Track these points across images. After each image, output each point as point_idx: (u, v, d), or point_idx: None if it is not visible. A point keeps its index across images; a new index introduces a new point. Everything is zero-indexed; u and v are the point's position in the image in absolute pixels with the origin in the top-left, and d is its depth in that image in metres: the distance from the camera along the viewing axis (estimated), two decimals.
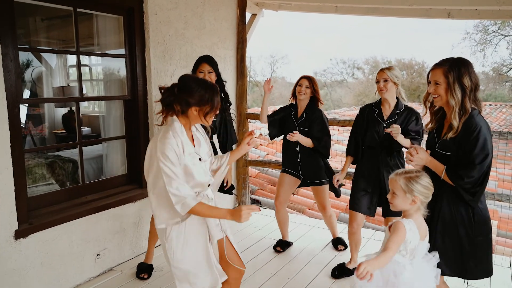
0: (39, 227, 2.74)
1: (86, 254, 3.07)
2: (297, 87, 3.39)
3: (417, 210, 1.96)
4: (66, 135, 5.46)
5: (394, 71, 2.94)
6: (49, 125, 5.87)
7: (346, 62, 29.40)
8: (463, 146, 2.04)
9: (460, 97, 2.04)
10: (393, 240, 1.86)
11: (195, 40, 3.93)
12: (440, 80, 2.08)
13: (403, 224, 1.89)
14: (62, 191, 3.13)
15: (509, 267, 3.43)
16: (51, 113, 5.95)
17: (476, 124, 2.02)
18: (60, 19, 5.35)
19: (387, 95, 2.95)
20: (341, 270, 3.20)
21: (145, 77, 3.50)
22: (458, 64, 2.05)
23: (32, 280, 2.72)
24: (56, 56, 5.85)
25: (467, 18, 4.13)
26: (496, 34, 12.55)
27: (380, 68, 3.00)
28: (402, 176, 1.95)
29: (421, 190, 1.92)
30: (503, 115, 14.58)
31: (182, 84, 2.02)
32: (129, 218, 3.40)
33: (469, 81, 2.03)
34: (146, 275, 3.12)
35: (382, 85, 2.92)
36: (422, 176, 1.95)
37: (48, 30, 5.40)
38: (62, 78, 5.94)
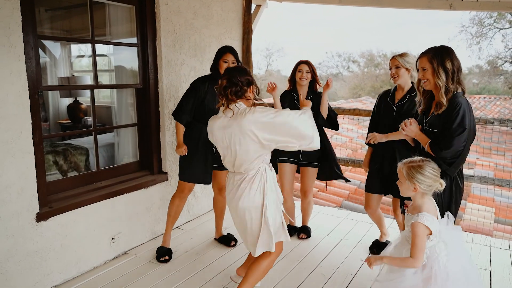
0: (58, 211, 2.82)
1: (102, 237, 3.16)
2: (297, 73, 3.44)
3: (423, 197, 2.05)
4: (72, 125, 5.52)
5: (406, 57, 3.01)
6: (53, 115, 5.92)
7: (342, 55, 29.51)
8: (446, 121, 2.30)
9: (444, 79, 2.31)
10: (417, 246, 1.95)
11: (204, 30, 4.00)
12: (426, 66, 2.36)
13: (422, 223, 1.97)
14: (78, 177, 3.21)
15: (508, 249, 3.58)
16: (55, 104, 5.99)
17: (458, 102, 2.29)
18: (64, 10, 5.39)
19: (400, 81, 3.04)
20: (379, 246, 3.33)
21: (156, 66, 3.57)
22: (440, 51, 2.35)
23: (52, 261, 2.81)
24: (60, 47, 5.89)
25: (468, 10, 4.23)
26: (492, 27, 12.68)
27: (392, 56, 3.07)
28: (406, 164, 2.07)
29: (421, 179, 2.01)
30: (497, 108, 14.78)
31: (238, 73, 2.40)
32: (141, 203, 3.49)
33: (451, 64, 2.31)
34: (168, 258, 3.22)
35: (394, 72, 3.02)
36: (425, 165, 2.03)
37: (52, 20, 5.43)
38: (67, 68, 5.99)
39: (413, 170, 2.02)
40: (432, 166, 2.04)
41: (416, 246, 1.96)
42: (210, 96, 3.19)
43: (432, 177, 2.02)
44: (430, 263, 2.01)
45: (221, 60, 3.15)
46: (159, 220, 3.67)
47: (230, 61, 3.12)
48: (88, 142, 4.18)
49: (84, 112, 5.54)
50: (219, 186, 3.47)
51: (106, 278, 2.98)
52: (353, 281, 2.99)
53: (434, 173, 2.03)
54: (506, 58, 12.80)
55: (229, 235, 3.60)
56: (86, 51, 6.87)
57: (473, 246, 3.60)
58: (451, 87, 2.31)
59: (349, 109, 4.25)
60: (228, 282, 2.93)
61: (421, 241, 1.97)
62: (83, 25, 5.21)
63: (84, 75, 6.08)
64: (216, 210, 3.57)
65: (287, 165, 3.58)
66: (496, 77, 14.71)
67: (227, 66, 3.10)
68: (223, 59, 3.14)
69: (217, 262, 3.24)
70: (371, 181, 3.24)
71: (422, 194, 2.05)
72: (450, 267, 1.98)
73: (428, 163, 2.05)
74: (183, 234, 3.75)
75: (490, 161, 8.14)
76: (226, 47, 3.20)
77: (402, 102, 3.06)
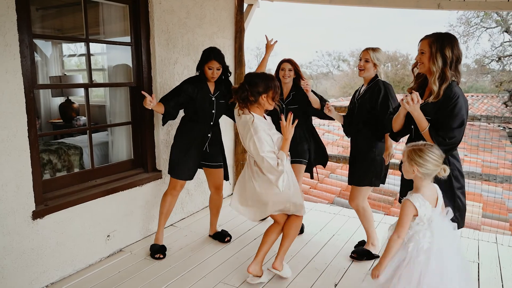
0: (54, 209, 2.84)
1: (97, 235, 3.18)
2: (280, 72, 3.51)
3: (423, 181, 2.07)
4: (64, 125, 5.50)
5: (377, 53, 3.05)
6: (45, 115, 5.90)
7: (332, 54, 29.66)
8: (441, 111, 2.30)
9: (441, 65, 2.30)
10: (401, 222, 2.02)
11: (197, 29, 4.03)
12: (425, 50, 2.35)
13: (411, 202, 2.02)
14: (73, 175, 3.23)
15: (495, 242, 3.67)
16: (46, 103, 5.97)
17: (455, 93, 2.28)
18: (55, 9, 5.37)
19: (365, 75, 3.09)
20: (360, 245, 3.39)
21: (150, 64, 3.59)
22: (442, 37, 2.33)
23: (48, 259, 2.83)
24: (51, 46, 5.87)
25: (455, 9, 4.32)
26: (479, 27, 12.88)
27: (365, 47, 3.08)
28: (408, 147, 2.10)
29: (420, 162, 2.01)
30: (485, 106, 15.03)
31: (249, 80, 2.61)
32: (136, 201, 3.51)
33: (451, 52, 2.29)
34: (162, 255, 3.25)
35: (362, 64, 3.06)
36: (426, 149, 2.03)
37: (43, 19, 5.41)
38: (58, 67, 5.97)
39: (413, 153, 2.04)
40: (433, 151, 2.03)
41: (400, 222, 2.03)
42: (201, 96, 3.21)
43: (432, 162, 2.01)
44: (408, 245, 2.05)
45: (206, 66, 3.13)
46: (153, 217, 3.69)
47: (215, 68, 3.14)
48: (82, 141, 4.19)
49: (76, 111, 5.53)
50: (216, 184, 3.50)
51: (101, 275, 3.00)
52: (346, 274, 3.05)
53: (434, 157, 2.02)
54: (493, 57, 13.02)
55: (223, 231, 3.64)
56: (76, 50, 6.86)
57: (462, 240, 3.69)
58: (448, 74, 2.29)
59: (340, 107, 4.31)
60: (224, 277, 2.98)
61: (406, 217, 2.02)
62: (75, 24, 5.20)
63: (76, 74, 6.07)
64: (212, 209, 3.61)
65: None
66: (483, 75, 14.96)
67: (211, 73, 3.14)
68: (208, 65, 3.12)
69: (212, 258, 3.28)
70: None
71: (421, 178, 2.06)
72: (432, 258, 2.00)
73: (430, 148, 2.04)
74: (177, 232, 3.78)
75: (478, 157, 8.30)
76: (211, 53, 3.14)
77: (363, 95, 3.13)
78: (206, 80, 3.23)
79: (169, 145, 3.60)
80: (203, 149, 3.31)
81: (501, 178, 3.75)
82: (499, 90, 14.16)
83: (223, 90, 3.32)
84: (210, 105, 3.25)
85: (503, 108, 13.60)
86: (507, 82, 12.88)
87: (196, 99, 3.20)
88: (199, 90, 3.21)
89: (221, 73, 3.21)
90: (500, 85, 13.33)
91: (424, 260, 2.00)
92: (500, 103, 14.02)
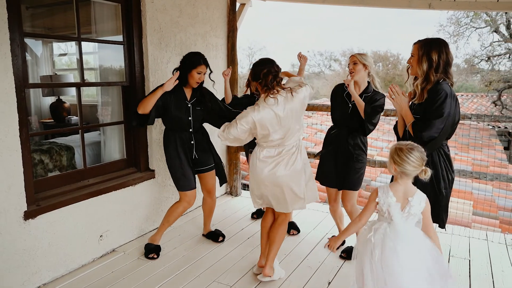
0: (46, 209, 2.81)
1: (90, 235, 3.16)
2: None
3: (400, 179, 2.11)
4: (55, 124, 5.45)
5: (364, 56, 3.09)
6: (35, 115, 5.84)
7: (323, 54, 29.77)
8: (428, 108, 2.39)
9: (425, 69, 2.41)
10: (365, 207, 2.19)
11: (189, 28, 4.02)
12: (414, 53, 2.47)
13: (377, 189, 2.15)
14: (65, 175, 3.20)
15: (486, 239, 3.72)
16: (37, 102, 5.91)
17: (441, 89, 2.36)
18: (46, 8, 5.32)
19: (357, 77, 3.08)
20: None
21: (142, 63, 3.58)
22: (431, 42, 2.44)
23: (40, 259, 2.80)
24: (42, 45, 5.81)
25: (446, 9, 4.36)
26: (468, 27, 13.03)
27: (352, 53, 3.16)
28: (394, 145, 2.14)
29: (398, 161, 2.05)
30: (474, 105, 15.18)
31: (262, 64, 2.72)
32: (129, 201, 3.50)
33: (437, 57, 2.38)
34: (156, 255, 3.24)
35: (351, 67, 3.08)
36: (406, 150, 2.05)
37: (34, 18, 5.35)
38: (48, 67, 5.91)
39: (394, 151, 2.09)
40: (413, 153, 2.04)
41: (364, 207, 2.20)
42: (176, 103, 3.14)
43: (410, 163, 2.03)
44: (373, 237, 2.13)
45: (194, 70, 3.07)
46: (147, 217, 3.68)
47: (203, 73, 3.12)
48: (74, 140, 4.15)
49: (68, 111, 5.48)
50: (207, 188, 3.47)
51: (94, 275, 2.99)
52: (339, 272, 3.07)
53: (412, 159, 2.03)
54: (482, 57, 13.17)
55: (217, 230, 3.64)
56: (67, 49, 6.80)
57: (453, 237, 3.73)
58: (432, 77, 2.38)
59: (323, 105, 4.35)
60: (217, 277, 2.98)
61: (368, 203, 2.18)
62: (66, 23, 5.16)
63: (67, 73, 6.01)
64: (205, 210, 3.60)
65: None
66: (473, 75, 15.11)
67: (199, 78, 3.10)
68: (197, 70, 3.07)
69: (206, 258, 3.28)
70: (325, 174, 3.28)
71: (401, 176, 2.10)
72: (377, 249, 2.07)
73: (411, 149, 2.05)
74: (171, 231, 3.77)
75: (468, 156, 8.40)
76: (200, 58, 3.10)
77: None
78: (183, 86, 3.16)
79: (162, 145, 3.58)
80: (193, 156, 3.28)
81: (491, 176, 3.80)
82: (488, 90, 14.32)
83: (199, 96, 3.25)
84: (186, 112, 3.18)
85: (493, 107, 13.76)
86: (496, 81, 13.03)
87: (171, 106, 3.12)
88: (174, 97, 3.14)
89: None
90: (490, 85, 13.49)
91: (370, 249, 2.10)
92: (489, 102, 14.17)
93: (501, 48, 12.75)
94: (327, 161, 3.24)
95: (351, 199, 3.20)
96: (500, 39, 12.38)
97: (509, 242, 3.66)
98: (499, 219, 5.36)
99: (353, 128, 3.12)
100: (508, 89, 13.14)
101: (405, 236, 2.08)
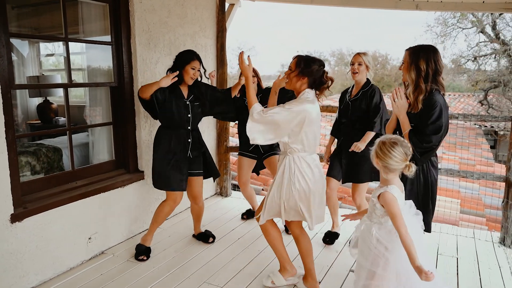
0: (33, 211, 2.77)
1: (78, 238, 3.13)
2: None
3: (387, 174, 2.07)
4: (42, 126, 5.38)
5: (368, 57, 3.25)
6: (22, 116, 5.76)
7: (313, 54, 29.71)
8: (421, 119, 2.40)
9: (414, 78, 2.42)
10: (393, 214, 1.95)
11: (178, 28, 4.00)
12: (405, 60, 2.47)
13: (391, 193, 2.01)
14: (53, 177, 3.16)
15: (473, 237, 3.77)
16: (23, 104, 5.83)
17: (435, 101, 2.35)
18: (32, 7, 5.25)
19: (358, 77, 3.25)
20: (331, 236, 3.54)
21: (131, 64, 3.55)
22: (418, 50, 2.42)
23: (27, 263, 2.76)
24: (28, 45, 5.73)
25: (433, 10, 4.42)
26: (455, 27, 13.17)
27: (357, 52, 3.25)
28: (381, 138, 2.10)
29: (380, 155, 2.03)
30: (461, 105, 15.37)
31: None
32: (118, 202, 3.47)
33: (425, 65, 2.37)
34: (146, 257, 3.22)
35: (356, 67, 3.22)
36: (390, 144, 2.02)
37: (19, 18, 5.28)
38: (35, 67, 5.83)
39: (379, 144, 2.06)
40: (395, 148, 2.01)
41: (393, 214, 1.95)
42: (174, 101, 3.13)
43: (391, 157, 2.00)
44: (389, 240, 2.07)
45: (188, 66, 3.09)
46: (136, 219, 3.66)
47: (197, 68, 3.12)
48: (61, 142, 4.11)
49: (55, 112, 5.42)
50: (193, 194, 3.38)
51: (83, 278, 2.96)
52: (329, 271, 3.08)
53: (394, 154, 2.00)
54: (469, 57, 13.33)
55: (207, 231, 3.63)
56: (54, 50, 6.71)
57: (441, 235, 3.78)
58: (422, 86, 2.37)
59: (321, 106, 4.35)
60: (208, 278, 2.97)
61: (396, 207, 1.96)
62: (53, 23, 5.10)
63: (54, 74, 5.94)
64: (193, 215, 3.58)
65: (244, 159, 3.85)
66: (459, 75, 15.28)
67: (193, 73, 3.10)
68: (191, 65, 3.08)
69: (196, 259, 3.27)
70: (331, 165, 3.46)
71: (385, 170, 2.07)
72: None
73: (394, 144, 2.02)
74: (161, 232, 3.75)
75: (455, 155, 8.50)
76: (194, 54, 3.13)
77: (356, 97, 3.27)
78: (178, 84, 3.15)
79: (151, 146, 3.56)
80: (187, 155, 3.25)
81: (478, 175, 3.86)
82: (475, 89, 14.51)
83: (197, 92, 3.25)
84: (186, 110, 3.18)
85: (479, 107, 13.94)
86: (483, 81, 13.19)
87: (171, 104, 3.12)
88: (172, 95, 3.13)
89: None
90: (476, 84, 13.66)
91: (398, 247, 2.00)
92: (476, 102, 14.35)
93: (487, 49, 12.92)
94: (334, 156, 3.44)
95: (361, 193, 3.35)
96: (486, 39, 12.55)
97: (495, 239, 3.72)
98: (486, 217, 5.44)
99: (355, 123, 3.27)
100: (494, 89, 13.32)
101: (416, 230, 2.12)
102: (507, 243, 3.58)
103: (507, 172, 3.61)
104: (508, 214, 3.58)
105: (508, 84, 12.00)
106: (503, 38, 11.63)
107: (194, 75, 3.13)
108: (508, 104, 12.59)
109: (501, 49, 11.64)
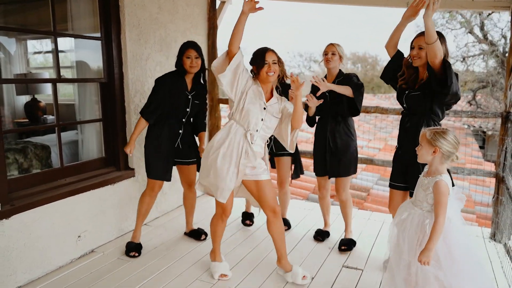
0: (21, 209, 2.72)
1: (67, 236, 3.07)
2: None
3: (442, 163, 2.16)
4: (29, 124, 5.29)
5: (341, 47, 3.26)
6: (9, 114, 5.65)
7: (303, 55, 29.91)
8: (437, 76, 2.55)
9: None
10: (442, 204, 2.05)
11: (169, 24, 3.97)
12: (423, 45, 2.56)
13: (446, 182, 2.10)
14: (41, 174, 3.10)
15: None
16: (10, 102, 5.72)
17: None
18: (18, 4, 5.17)
19: (332, 65, 3.24)
20: (322, 234, 3.53)
21: (121, 60, 3.51)
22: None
23: (15, 261, 2.70)
24: (15, 42, 5.63)
25: (423, 8, 4.43)
26: (444, 28, 13.29)
27: (330, 42, 3.26)
28: (429, 130, 2.20)
29: (442, 142, 2.12)
30: None
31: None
32: (108, 200, 3.42)
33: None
34: (137, 253, 3.18)
35: (330, 57, 3.22)
36: (448, 131, 2.15)
37: (5, 15, 5.19)
38: (23, 65, 5.73)
39: (437, 134, 2.14)
40: (454, 134, 2.15)
41: (441, 204, 2.06)
42: (177, 91, 3.16)
43: (452, 143, 2.12)
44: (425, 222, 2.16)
45: (184, 56, 3.13)
46: (126, 217, 3.61)
47: (193, 56, 3.12)
48: (50, 140, 4.04)
49: (43, 110, 5.32)
50: (188, 181, 3.43)
51: (73, 276, 2.90)
52: (322, 268, 3.07)
53: (455, 140, 2.14)
54: (458, 58, 13.46)
55: (199, 229, 3.60)
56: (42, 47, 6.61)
57: None
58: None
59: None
60: (200, 275, 2.94)
61: (446, 198, 2.07)
62: (40, 19, 5.01)
63: (42, 72, 5.86)
64: (187, 206, 3.56)
65: None
66: None
67: (190, 62, 3.11)
68: (185, 55, 3.12)
69: (188, 256, 3.24)
70: (316, 164, 3.40)
71: (440, 159, 2.15)
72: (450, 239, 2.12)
73: (450, 131, 2.16)
74: (152, 230, 3.70)
75: None
76: (188, 43, 3.18)
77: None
78: (183, 74, 3.18)
79: (142, 143, 3.52)
80: (175, 145, 3.25)
81: (468, 171, 3.89)
82: (463, 90, 14.67)
83: (200, 89, 3.30)
84: (185, 103, 3.20)
85: (468, 107, 14.09)
86: (471, 81, 13.34)
87: (172, 93, 3.14)
88: (175, 84, 3.16)
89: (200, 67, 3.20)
90: (465, 85, 13.81)
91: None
92: (464, 102, 14.51)
93: (475, 49, 13.06)
94: (317, 152, 3.36)
95: (345, 187, 3.31)
96: (475, 40, 12.70)
97: (486, 235, 3.74)
98: (476, 214, 5.49)
99: (335, 116, 3.24)
100: (482, 89, 13.49)
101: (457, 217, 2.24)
102: (497, 238, 3.61)
103: (497, 168, 3.64)
104: (499, 209, 3.61)
105: (496, 84, 12.16)
106: (491, 39, 11.77)
107: (192, 63, 3.13)
108: (496, 104, 12.76)
109: (489, 49, 11.78)
